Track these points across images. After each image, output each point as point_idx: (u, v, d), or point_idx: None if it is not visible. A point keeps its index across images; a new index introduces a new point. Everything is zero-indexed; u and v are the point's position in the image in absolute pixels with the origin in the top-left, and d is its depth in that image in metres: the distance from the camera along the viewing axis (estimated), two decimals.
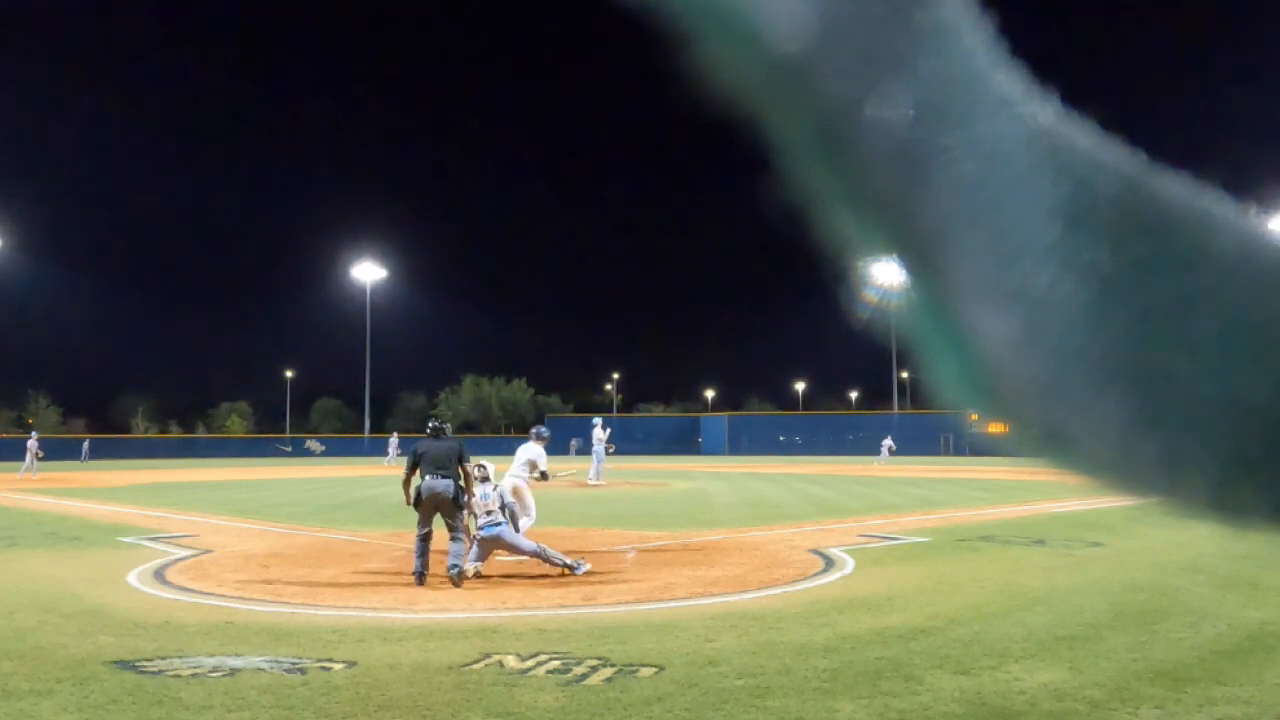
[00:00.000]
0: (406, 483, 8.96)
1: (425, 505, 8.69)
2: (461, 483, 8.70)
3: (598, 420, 27.16)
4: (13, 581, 8.45)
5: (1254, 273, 0.58)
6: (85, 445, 58.16)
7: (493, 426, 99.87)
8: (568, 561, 8.52)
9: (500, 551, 8.88)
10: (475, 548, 8.62)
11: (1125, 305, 0.55)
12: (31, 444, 34.39)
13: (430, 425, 9.28)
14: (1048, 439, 0.55)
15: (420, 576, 8.38)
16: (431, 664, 5.40)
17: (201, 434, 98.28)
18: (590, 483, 24.01)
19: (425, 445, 8.92)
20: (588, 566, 8.67)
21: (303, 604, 7.31)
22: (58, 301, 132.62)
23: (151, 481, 28.69)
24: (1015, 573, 8.70)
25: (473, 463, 8.69)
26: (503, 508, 8.70)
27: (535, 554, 8.50)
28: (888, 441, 44.45)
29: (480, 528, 8.56)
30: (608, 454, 26.22)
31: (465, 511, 8.66)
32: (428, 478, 8.71)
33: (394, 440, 48.24)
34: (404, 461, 9.01)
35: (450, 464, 8.72)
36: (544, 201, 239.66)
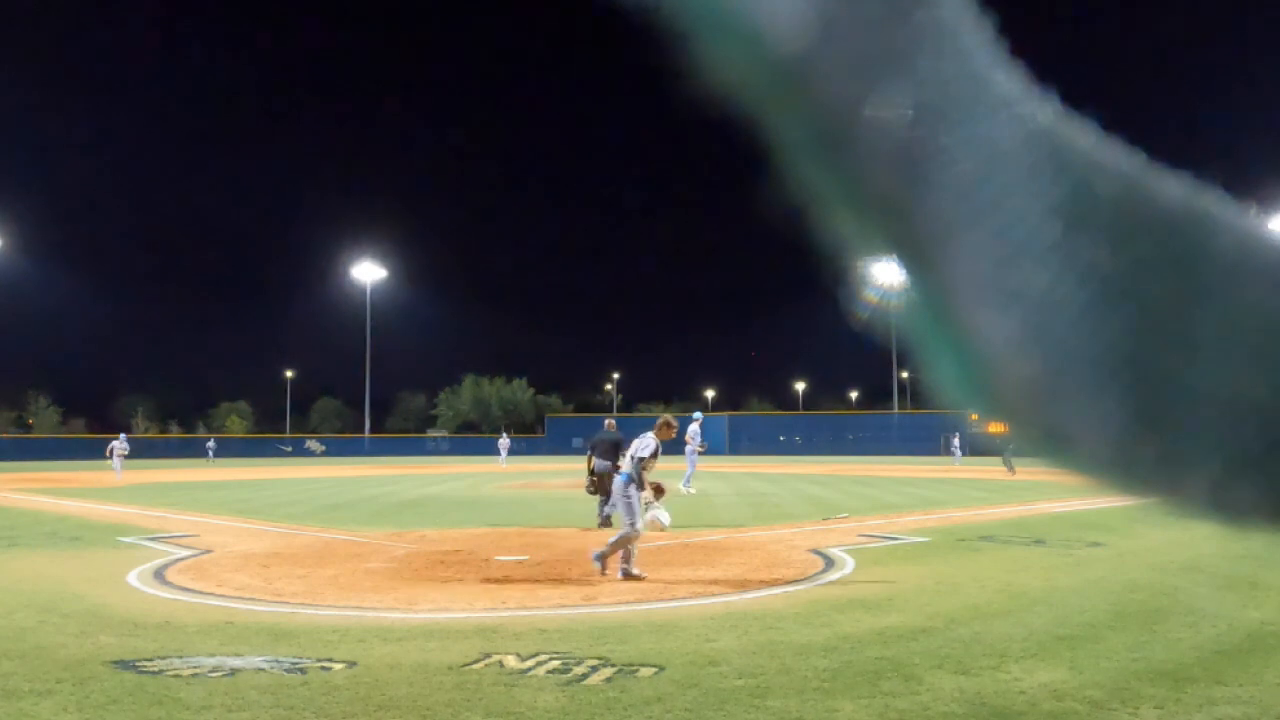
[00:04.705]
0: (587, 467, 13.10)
1: (596, 481, 12.91)
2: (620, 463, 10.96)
3: (698, 415, 23.18)
4: (13, 581, 8.46)
5: (1254, 273, 0.58)
6: (211, 444, 58.47)
7: (492, 426, 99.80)
8: (616, 558, 8.59)
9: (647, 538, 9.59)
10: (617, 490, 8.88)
11: (1125, 305, 0.55)
12: (118, 445, 33.20)
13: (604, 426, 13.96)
14: (1048, 439, 0.55)
15: (604, 520, 12.64)
16: (431, 664, 5.40)
17: (201, 434, 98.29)
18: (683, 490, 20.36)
19: (595, 438, 13.35)
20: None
21: (303, 604, 7.31)
22: (58, 302, 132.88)
23: (151, 481, 28.70)
24: (1015, 573, 8.70)
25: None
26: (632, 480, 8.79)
27: (619, 536, 8.60)
28: (956, 440, 42.61)
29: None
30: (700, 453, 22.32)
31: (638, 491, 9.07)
32: (596, 461, 12.92)
33: (504, 441, 46.17)
34: (513, 462, 10.80)
35: (611, 452, 12.41)
36: (544, 201, 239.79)
